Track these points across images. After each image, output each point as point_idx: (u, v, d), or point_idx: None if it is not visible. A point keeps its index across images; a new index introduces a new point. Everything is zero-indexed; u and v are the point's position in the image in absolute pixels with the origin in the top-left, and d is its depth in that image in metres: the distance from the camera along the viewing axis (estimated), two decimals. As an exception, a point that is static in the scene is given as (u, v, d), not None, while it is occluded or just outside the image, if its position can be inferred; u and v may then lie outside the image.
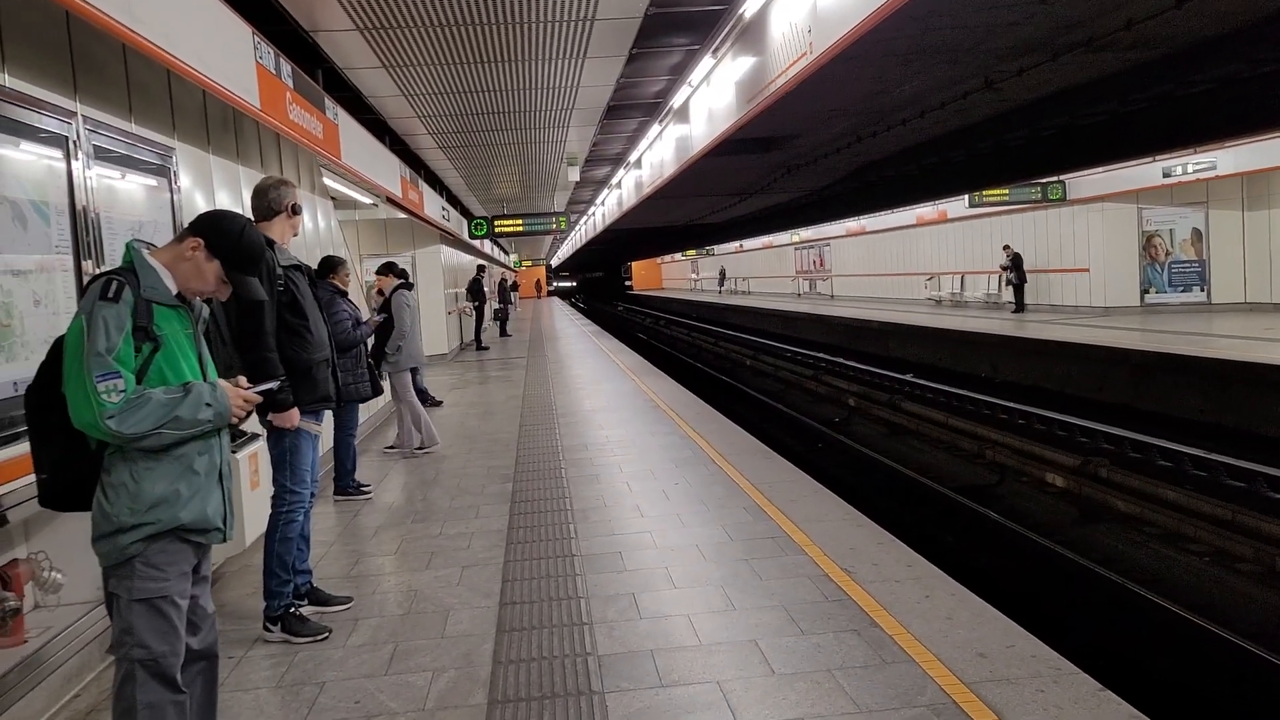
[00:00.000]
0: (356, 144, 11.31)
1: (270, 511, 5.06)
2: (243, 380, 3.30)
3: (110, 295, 2.91)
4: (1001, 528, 9.44)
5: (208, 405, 3.01)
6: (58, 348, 3.01)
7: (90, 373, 2.82)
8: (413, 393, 10.20)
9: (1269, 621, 7.00)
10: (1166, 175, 21.80)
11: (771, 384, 22.75)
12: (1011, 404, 15.51)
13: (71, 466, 3.03)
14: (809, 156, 18.41)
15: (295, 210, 4.95)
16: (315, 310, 5.05)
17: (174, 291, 3.09)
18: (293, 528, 5.04)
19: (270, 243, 4.80)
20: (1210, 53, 10.20)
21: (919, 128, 15.13)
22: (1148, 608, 7.25)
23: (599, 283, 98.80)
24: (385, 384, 9.63)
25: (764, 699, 4.02)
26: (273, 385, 3.66)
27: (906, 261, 35.08)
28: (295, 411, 4.82)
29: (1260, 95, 9.35)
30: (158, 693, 3.00)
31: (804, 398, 20.06)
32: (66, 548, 4.47)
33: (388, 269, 10.05)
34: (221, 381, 3.18)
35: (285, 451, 4.98)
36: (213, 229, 3.17)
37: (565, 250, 74.50)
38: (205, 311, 3.34)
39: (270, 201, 4.93)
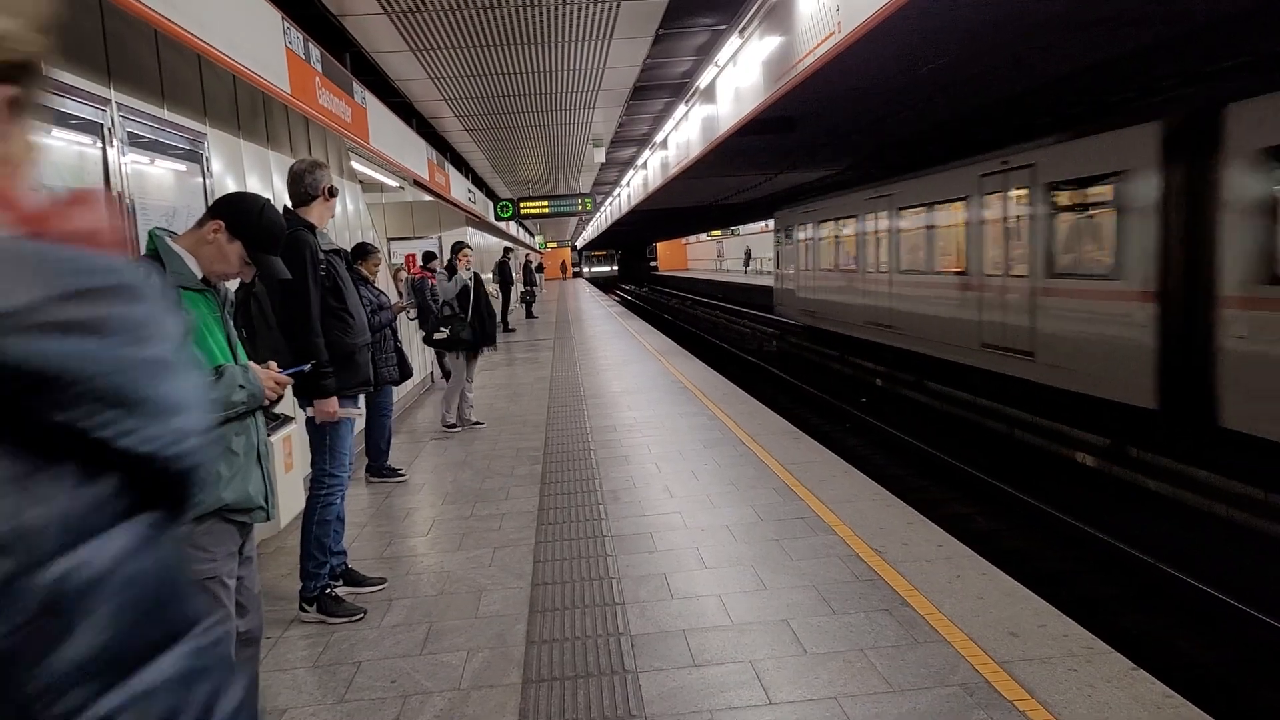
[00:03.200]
0: (384, 127, 11.35)
1: (308, 495, 5.11)
2: (273, 364, 3.33)
3: None
4: (1029, 506, 9.41)
5: (241, 387, 3.06)
6: None
7: None
8: (457, 370, 10.40)
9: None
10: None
11: (798, 365, 22.70)
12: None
13: None
14: (833, 136, 18.30)
15: (332, 193, 4.94)
16: (354, 295, 5.07)
17: (199, 275, 3.12)
18: (330, 510, 5.10)
19: (311, 227, 4.82)
20: (1238, 27, 10.09)
21: (944, 106, 15.00)
22: (1182, 587, 7.23)
23: (624, 262, 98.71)
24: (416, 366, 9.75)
25: (797, 678, 4.05)
26: (304, 368, 3.69)
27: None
28: (334, 400, 4.83)
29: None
30: None
31: (831, 378, 20.02)
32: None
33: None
34: (252, 364, 3.22)
35: (325, 436, 5.02)
36: (232, 211, 3.20)
37: (590, 231, 74.47)
38: (231, 295, 3.38)
39: (306, 186, 4.93)
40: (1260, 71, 9.56)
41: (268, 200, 3.35)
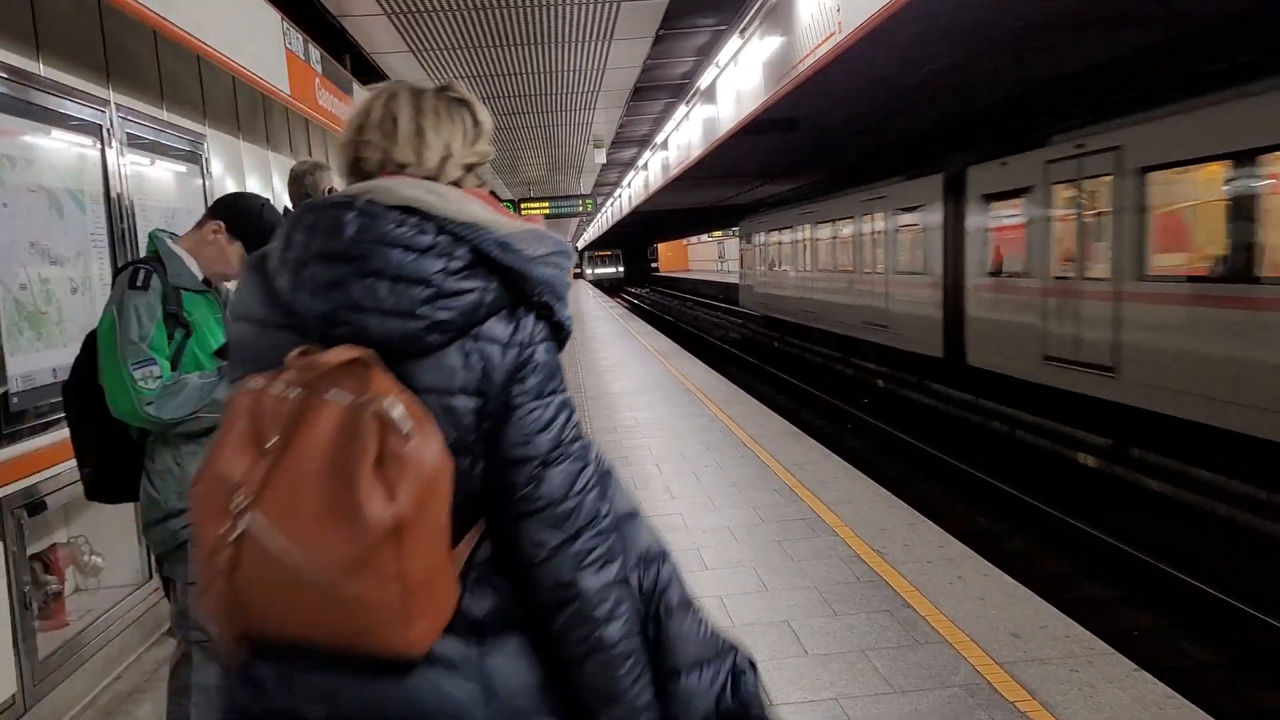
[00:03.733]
0: (384, 129, 11.33)
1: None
2: None
3: (140, 284, 2.92)
4: (1031, 507, 9.40)
5: None
6: (90, 342, 3.02)
7: (126, 361, 2.83)
8: None
9: None
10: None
11: (800, 365, 22.69)
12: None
13: (115, 458, 3.04)
14: (834, 136, 18.28)
15: (331, 194, 4.90)
16: None
17: (200, 277, 3.11)
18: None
19: None
20: (1239, 26, 10.09)
21: (945, 106, 14.99)
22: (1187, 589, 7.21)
23: (626, 263, 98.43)
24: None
25: (798, 679, 4.04)
26: None
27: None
28: None
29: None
30: (212, 675, 3.02)
31: (832, 379, 20.00)
32: (105, 532, 4.53)
33: None
34: None
35: None
36: (232, 211, 3.18)
37: (592, 232, 74.44)
38: (233, 296, 3.36)
39: (307, 188, 4.91)
40: (991, 146, 14.42)
41: (267, 200, 3.32)
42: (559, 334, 1.53)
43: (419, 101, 1.59)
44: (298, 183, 4.92)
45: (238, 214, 3.17)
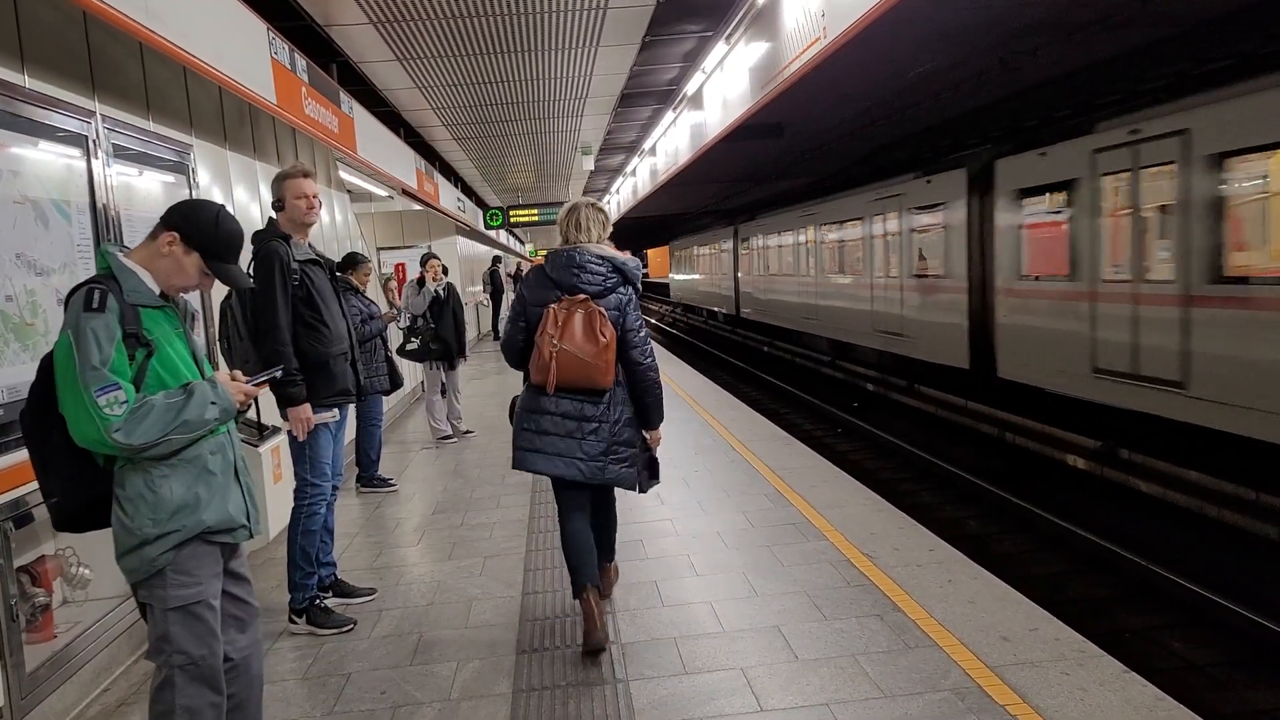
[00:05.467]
0: (372, 137, 11.32)
1: (293, 505, 5.08)
2: (239, 373, 3.22)
3: (95, 305, 2.78)
4: (1021, 509, 9.42)
5: (213, 404, 2.93)
6: (46, 367, 2.89)
7: (88, 388, 2.71)
8: (432, 381, 10.47)
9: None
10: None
11: (789, 370, 22.72)
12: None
13: (83, 486, 2.93)
14: (822, 140, 18.34)
15: (277, 207, 4.87)
16: (334, 303, 5.02)
17: (157, 291, 2.98)
18: (315, 520, 5.06)
19: (285, 237, 4.80)
20: (1228, 28, 10.15)
21: (933, 110, 15.04)
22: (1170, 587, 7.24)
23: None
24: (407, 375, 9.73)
25: (788, 685, 4.04)
26: (276, 372, 3.56)
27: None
28: (307, 407, 4.78)
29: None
30: (197, 696, 2.97)
31: (822, 383, 20.03)
32: (93, 544, 4.49)
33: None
34: (218, 374, 3.10)
35: (303, 445, 4.98)
36: (186, 220, 3.02)
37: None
38: (192, 307, 3.26)
39: (275, 192, 4.94)
40: (753, 212, 30.90)
41: (222, 206, 3.17)
42: (638, 293, 4.60)
43: (586, 210, 4.63)
44: (272, 190, 4.98)
45: (192, 223, 3.02)
